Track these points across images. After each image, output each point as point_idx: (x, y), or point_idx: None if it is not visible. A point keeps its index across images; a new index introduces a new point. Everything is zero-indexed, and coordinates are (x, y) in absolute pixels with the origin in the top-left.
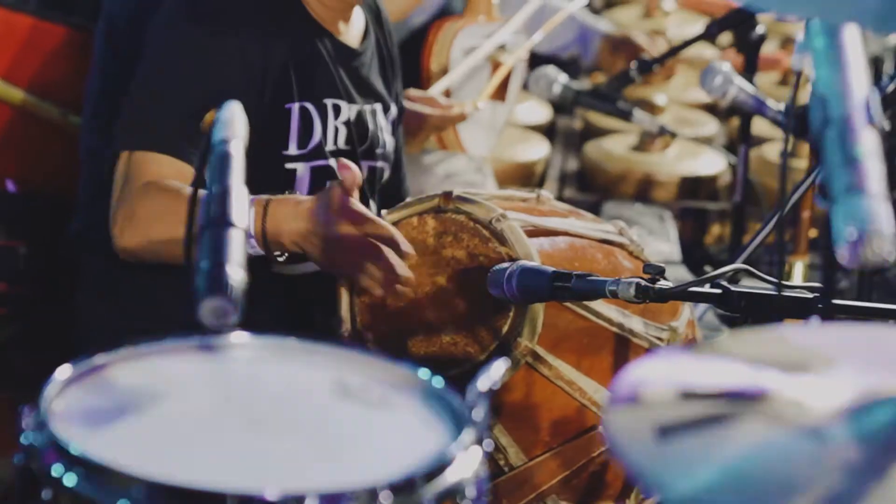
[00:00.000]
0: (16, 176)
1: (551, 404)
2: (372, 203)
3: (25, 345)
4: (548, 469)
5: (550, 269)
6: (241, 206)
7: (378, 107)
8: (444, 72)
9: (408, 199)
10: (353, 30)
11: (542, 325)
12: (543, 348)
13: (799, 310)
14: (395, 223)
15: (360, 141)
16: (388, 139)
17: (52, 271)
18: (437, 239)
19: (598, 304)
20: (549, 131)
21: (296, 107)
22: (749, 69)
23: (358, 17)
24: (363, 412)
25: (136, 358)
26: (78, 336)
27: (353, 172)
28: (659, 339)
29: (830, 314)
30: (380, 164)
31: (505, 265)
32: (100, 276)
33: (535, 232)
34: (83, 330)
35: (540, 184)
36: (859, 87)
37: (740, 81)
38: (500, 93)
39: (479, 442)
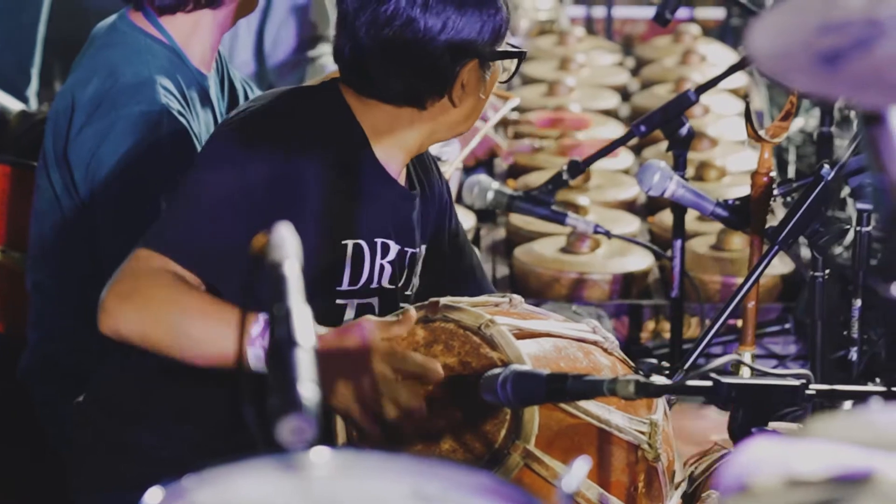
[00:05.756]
0: None
1: None
2: None
3: None
4: None
5: (545, 371)
6: (305, 325)
7: (417, 252)
8: None
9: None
10: (409, 176)
11: (538, 427)
12: (539, 449)
13: (788, 398)
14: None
15: (399, 280)
16: (416, 282)
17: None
18: (427, 349)
19: (584, 402)
20: (474, 239)
21: (350, 244)
22: (679, 167)
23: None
24: None
25: (220, 479)
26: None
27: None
28: (641, 432)
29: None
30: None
31: (497, 370)
32: (55, 408)
33: (520, 335)
34: (73, 467)
35: None
36: None
37: (678, 177)
38: None
39: None
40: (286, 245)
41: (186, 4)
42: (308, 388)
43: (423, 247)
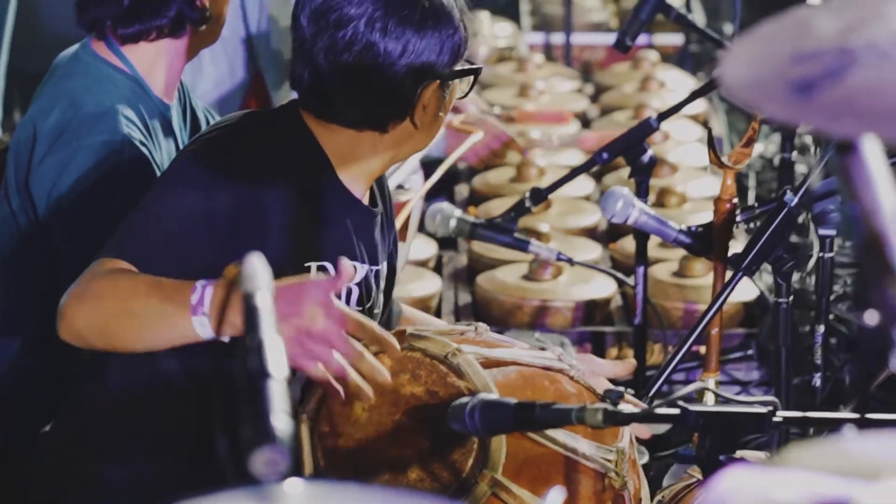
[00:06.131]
0: None
1: None
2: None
3: None
4: None
5: (513, 400)
6: (277, 357)
7: (381, 269)
8: None
9: None
10: (371, 193)
11: (505, 456)
12: (507, 478)
13: (756, 425)
14: None
15: (367, 301)
16: (381, 301)
17: None
18: (394, 378)
19: (551, 430)
20: (436, 266)
21: (314, 266)
22: (641, 193)
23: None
24: None
25: None
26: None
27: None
28: (608, 460)
29: (863, 426)
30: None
31: (465, 399)
32: (14, 436)
33: (487, 363)
34: (39, 499)
35: (437, 317)
36: (889, 200)
37: (641, 204)
38: (402, 233)
39: None
40: (258, 276)
41: (149, 33)
42: (281, 420)
43: (385, 264)
